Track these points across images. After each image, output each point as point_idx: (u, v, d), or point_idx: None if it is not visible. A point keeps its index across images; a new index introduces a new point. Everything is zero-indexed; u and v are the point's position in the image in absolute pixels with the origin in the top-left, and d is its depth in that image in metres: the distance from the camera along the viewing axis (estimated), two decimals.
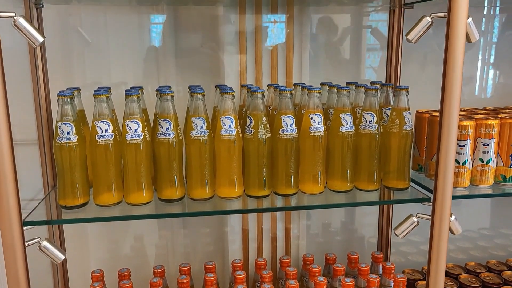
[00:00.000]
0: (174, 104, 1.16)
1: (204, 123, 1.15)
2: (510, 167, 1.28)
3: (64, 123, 1.08)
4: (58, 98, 1.08)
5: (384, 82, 1.54)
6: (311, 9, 1.53)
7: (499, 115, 1.31)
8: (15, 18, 0.97)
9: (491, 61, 1.73)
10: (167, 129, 1.13)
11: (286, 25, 1.50)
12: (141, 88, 1.27)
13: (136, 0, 1.34)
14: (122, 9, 1.46)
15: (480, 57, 1.72)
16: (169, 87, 1.30)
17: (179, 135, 1.16)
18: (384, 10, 1.51)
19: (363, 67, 1.62)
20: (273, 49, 1.51)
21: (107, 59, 1.49)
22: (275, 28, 1.51)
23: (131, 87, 1.28)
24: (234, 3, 1.39)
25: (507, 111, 1.42)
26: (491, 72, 1.74)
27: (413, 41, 1.14)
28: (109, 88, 1.25)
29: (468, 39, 1.13)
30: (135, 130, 1.10)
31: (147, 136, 1.13)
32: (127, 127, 1.10)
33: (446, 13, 1.09)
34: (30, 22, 1.00)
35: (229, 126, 1.15)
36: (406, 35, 1.15)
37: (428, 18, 1.12)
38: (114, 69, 1.50)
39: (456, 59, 1.10)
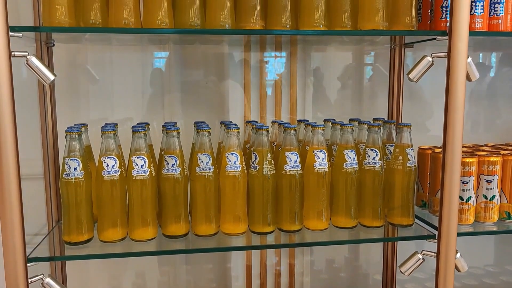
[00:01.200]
0: (180, 140, 1.17)
1: (209, 159, 1.16)
2: None
3: (72, 159, 1.09)
4: (66, 135, 1.10)
5: (386, 118, 1.57)
6: (313, 47, 1.57)
7: (501, 152, 1.33)
8: (28, 57, 1.00)
9: (489, 97, 1.76)
10: (173, 165, 1.14)
11: (289, 63, 1.54)
12: (147, 124, 1.29)
13: (143, 40, 1.38)
14: (128, 47, 1.50)
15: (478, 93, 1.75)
16: (175, 123, 1.32)
17: (185, 171, 1.17)
18: (385, 49, 1.55)
19: (365, 103, 1.65)
20: (276, 86, 1.54)
21: (113, 95, 1.52)
22: (278, 64, 1.55)
23: (137, 123, 1.30)
24: (238, 42, 1.42)
25: (508, 147, 1.43)
26: (490, 107, 1.76)
27: (414, 80, 1.17)
28: (116, 124, 1.27)
29: (468, 78, 1.16)
30: (141, 166, 1.12)
31: (153, 172, 1.14)
32: (133, 163, 1.12)
33: (446, 53, 1.13)
34: (42, 60, 1.02)
35: (234, 162, 1.16)
36: (408, 74, 1.18)
37: (429, 58, 1.16)
38: (121, 105, 1.53)
39: (457, 98, 1.12)
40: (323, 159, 1.20)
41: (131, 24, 1.07)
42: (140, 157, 1.12)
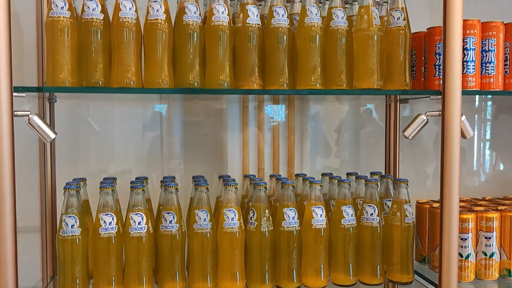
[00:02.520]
0: (178, 196, 1.18)
1: (207, 216, 1.16)
2: None
3: (69, 216, 1.09)
4: (65, 191, 1.10)
5: (383, 170, 1.58)
6: (310, 101, 1.60)
7: (499, 207, 1.33)
8: (30, 116, 1.03)
9: (487, 149, 1.78)
10: (170, 222, 1.14)
11: (287, 117, 1.57)
12: (146, 178, 1.30)
13: (144, 94, 1.41)
14: (130, 101, 1.54)
15: (475, 148, 1.77)
16: (173, 178, 1.33)
17: (182, 227, 1.16)
18: (381, 103, 1.58)
19: (363, 155, 1.66)
20: (274, 139, 1.56)
21: (114, 147, 1.54)
22: (276, 118, 1.57)
23: (136, 178, 1.30)
24: (237, 98, 1.46)
25: (506, 202, 1.43)
26: (487, 159, 1.78)
27: (410, 137, 1.19)
28: (115, 179, 1.27)
29: (463, 135, 1.18)
30: (139, 223, 1.11)
31: (150, 229, 1.13)
32: (131, 220, 1.11)
33: (440, 112, 1.15)
34: (43, 119, 1.04)
35: (232, 218, 1.16)
36: (403, 131, 1.20)
37: (424, 117, 1.18)
38: (120, 157, 1.54)
39: (453, 156, 1.14)
40: (321, 215, 1.20)
41: (133, 83, 1.10)
42: (137, 213, 1.12)
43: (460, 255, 1.25)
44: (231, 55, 1.16)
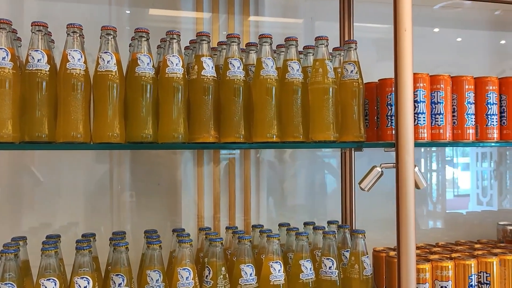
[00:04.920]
0: (128, 256, 1.11)
1: (160, 276, 1.09)
2: None
3: (5, 284, 1.00)
4: (1, 256, 1.01)
5: (340, 218, 1.57)
6: (267, 150, 1.58)
7: (453, 255, 1.35)
8: None
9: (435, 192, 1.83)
10: (119, 285, 1.06)
11: (243, 165, 1.54)
12: (93, 235, 1.21)
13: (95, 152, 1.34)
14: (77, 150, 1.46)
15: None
16: (124, 233, 1.25)
17: None
18: (337, 150, 1.59)
19: (320, 202, 1.66)
20: (230, 188, 1.52)
21: (58, 199, 1.45)
22: (232, 166, 1.54)
23: (82, 235, 1.22)
24: (192, 152, 1.42)
25: (459, 248, 1.46)
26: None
27: (366, 189, 1.19)
28: (58, 236, 1.18)
29: (416, 186, 1.19)
30: None
31: None
32: (75, 285, 1.03)
33: (394, 164, 1.16)
34: None
35: (187, 278, 1.10)
36: (359, 183, 1.20)
37: (379, 169, 1.19)
38: (66, 210, 1.45)
39: (407, 207, 1.14)
40: (279, 270, 1.17)
41: (80, 137, 1.04)
42: (83, 277, 1.03)
43: None
44: (186, 107, 1.13)
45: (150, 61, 1.09)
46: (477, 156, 1.92)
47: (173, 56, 1.11)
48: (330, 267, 1.21)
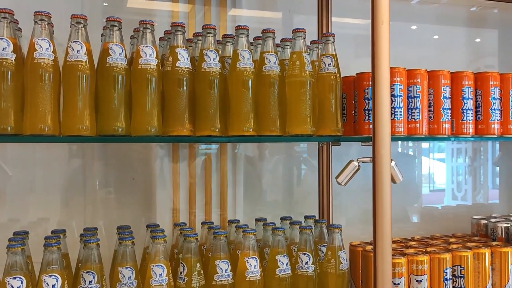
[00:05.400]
0: (100, 252, 1.08)
1: (132, 274, 1.06)
2: None
3: None
4: None
5: (318, 213, 1.56)
6: (243, 143, 1.56)
7: (428, 249, 1.35)
8: None
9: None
10: (90, 282, 1.03)
11: (220, 159, 1.52)
12: (63, 231, 1.17)
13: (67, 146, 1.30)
14: (48, 143, 1.41)
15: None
16: (95, 229, 1.22)
17: (104, 287, 1.06)
18: (315, 144, 1.58)
19: (297, 197, 1.65)
20: (206, 183, 1.49)
21: (28, 194, 1.40)
22: (208, 161, 1.52)
23: (52, 231, 1.17)
24: (167, 146, 1.39)
25: (434, 242, 1.47)
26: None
27: (343, 184, 1.19)
28: (26, 233, 1.14)
29: (393, 180, 1.19)
30: (53, 286, 0.99)
31: None
32: (43, 283, 0.99)
33: (371, 158, 1.16)
34: None
35: (160, 275, 1.08)
36: (336, 178, 1.20)
37: (355, 163, 1.18)
38: (36, 205, 1.40)
39: (384, 202, 1.14)
40: (255, 266, 1.15)
41: (48, 129, 1.00)
42: (51, 275, 1.00)
43: None
44: (160, 100, 1.10)
45: (122, 51, 1.06)
46: (452, 152, 1.94)
47: (147, 46, 1.08)
48: (306, 262, 1.20)
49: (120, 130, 1.05)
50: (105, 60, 1.05)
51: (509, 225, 1.47)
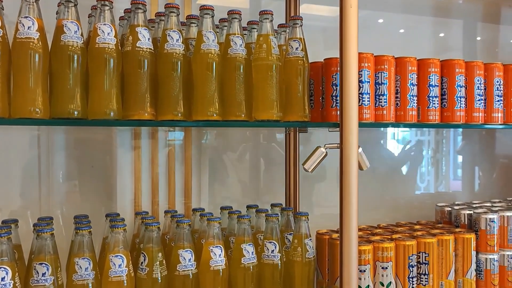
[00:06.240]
0: (55, 242, 1.02)
1: (89, 264, 1.01)
2: None
3: None
4: None
5: (284, 200, 1.54)
6: (209, 130, 1.52)
7: (394, 236, 1.36)
8: None
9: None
10: (43, 274, 0.97)
11: (184, 146, 1.47)
12: (15, 222, 1.10)
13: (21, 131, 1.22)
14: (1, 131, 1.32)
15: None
16: (51, 218, 1.15)
17: (59, 279, 1.00)
18: (282, 130, 1.55)
19: (264, 185, 1.62)
20: (170, 170, 1.44)
21: None
22: (172, 148, 1.46)
23: (2, 221, 1.10)
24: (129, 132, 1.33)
25: (399, 229, 1.47)
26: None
27: (309, 170, 1.16)
28: None
29: (360, 167, 1.18)
30: (2, 279, 0.93)
31: (17, 285, 0.95)
32: None
33: (338, 145, 1.14)
34: None
35: (119, 265, 1.03)
36: (303, 164, 1.17)
37: (323, 149, 1.16)
38: None
39: (351, 187, 1.13)
40: (220, 255, 1.12)
41: None
42: (1, 267, 0.93)
43: (360, 287, 1.25)
44: (119, 81, 1.04)
45: (78, 29, 0.99)
46: (416, 144, 1.96)
47: (105, 24, 1.01)
48: (272, 251, 1.18)
49: (76, 113, 0.98)
50: (59, 38, 0.98)
51: (471, 212, 1.49)
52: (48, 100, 0.98)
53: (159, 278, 1.06)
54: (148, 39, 1.05)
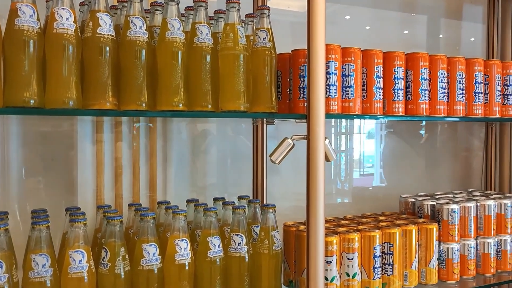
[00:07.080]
0: (10, 238, 0.97)
1: (47, 261, 0.96)
2: (373, 279, 1.32)
3: None
4: None
5: (251, 192, 1.53)
6: (174, 121, 1.49)
7: (359, 227, 1.37)
8: None
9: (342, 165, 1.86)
10: None
11: (149, 137, 1.43)
12: None
13: None
14: None
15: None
16: (5, 213, 1.09)
17: (14, 277, 0.95)
18: (249, 122, 1.54)
19: (231, 177, 1.60)
20: (134, 163, 1.40)
21: None
22: (136, 139, 1.42)
23: None
24: (89, 116, 1.28)
25: (364, 220, 1.49)
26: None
27: (277, 162, 1.15)
28: None
29: (327, 159, 1.18)
30: None
31: None
32: None
33: (305, 136, 1.13)
34: None
35: (80, 261, 0.99)
36: (270, 156, 1.16)
37: (290, 141, 1.15)
38: None
39: (317, 179, 1.13)
40: (185, 248, 1.09)
41: None
42: None
43: (326, 278, 1.25)
44: (79, 69, 0.99)
45: (34, 12, 0.94)
46: (381, 138, 1.99)
47: (63, 9, 0.96)
48: (239, 243, 1.16)
49: (32, 101, 0.93)
50: (14, 22, 0.93)
51: (434, 202, 1.52)
52: (2, 88, 0.93)
53: (122, 274, 1.03)
54: (110, 25, 1.01)
